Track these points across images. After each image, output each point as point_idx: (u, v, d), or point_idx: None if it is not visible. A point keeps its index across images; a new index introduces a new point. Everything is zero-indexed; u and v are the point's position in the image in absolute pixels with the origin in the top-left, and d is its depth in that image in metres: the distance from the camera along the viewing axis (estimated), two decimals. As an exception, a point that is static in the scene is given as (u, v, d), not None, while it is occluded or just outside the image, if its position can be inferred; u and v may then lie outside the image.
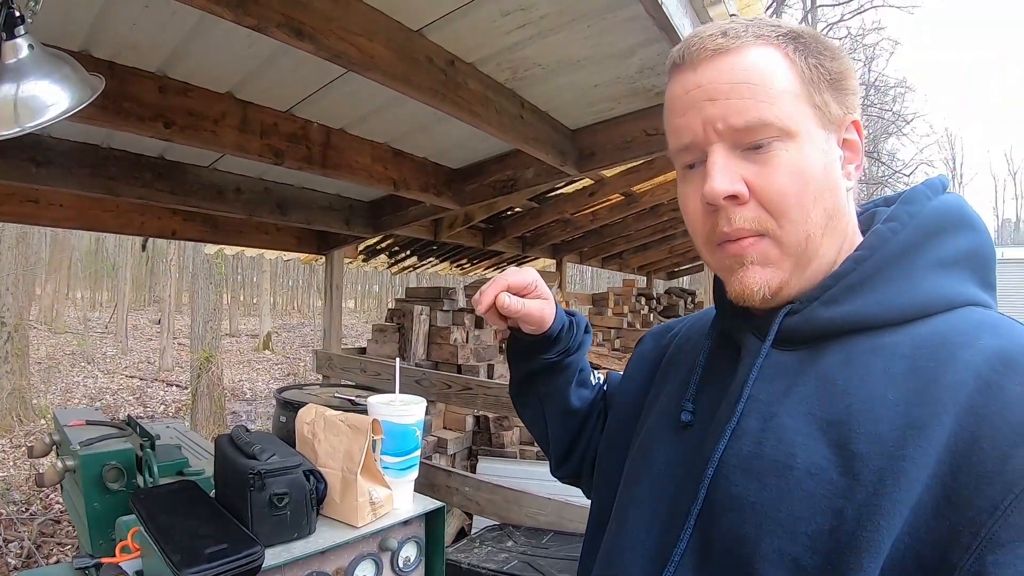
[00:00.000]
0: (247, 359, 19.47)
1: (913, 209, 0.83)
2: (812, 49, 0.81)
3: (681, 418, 0.91)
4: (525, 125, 3.30)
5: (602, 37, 2.66)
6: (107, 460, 2.17)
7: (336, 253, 5.92)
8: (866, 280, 0.80)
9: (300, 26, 2.05)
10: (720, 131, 0.79)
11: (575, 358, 1.17)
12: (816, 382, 0.78)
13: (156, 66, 2.70)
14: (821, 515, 0.71)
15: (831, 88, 0.81)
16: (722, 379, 0.89)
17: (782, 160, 0.78)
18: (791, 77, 0.79)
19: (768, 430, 0.78)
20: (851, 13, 20.93)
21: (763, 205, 0.79)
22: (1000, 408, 0.66)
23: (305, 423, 1.82)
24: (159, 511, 1.59)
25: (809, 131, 0.79)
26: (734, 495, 0.78)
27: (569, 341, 1.14)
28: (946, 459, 0.66)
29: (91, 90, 1.70)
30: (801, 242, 0.80)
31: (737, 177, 0.79)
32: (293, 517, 1.55)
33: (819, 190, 0.79)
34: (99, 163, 3.48)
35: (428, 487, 3.90)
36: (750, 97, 0.78)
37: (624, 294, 10.05)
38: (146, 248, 10.31)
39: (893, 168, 22.66)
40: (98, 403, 12.47)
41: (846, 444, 0.72)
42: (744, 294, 0.83)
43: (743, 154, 0.80)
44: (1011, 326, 0.75)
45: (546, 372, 1.17)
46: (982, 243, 0.83)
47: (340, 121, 3.52)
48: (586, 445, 1.21)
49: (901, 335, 0.76)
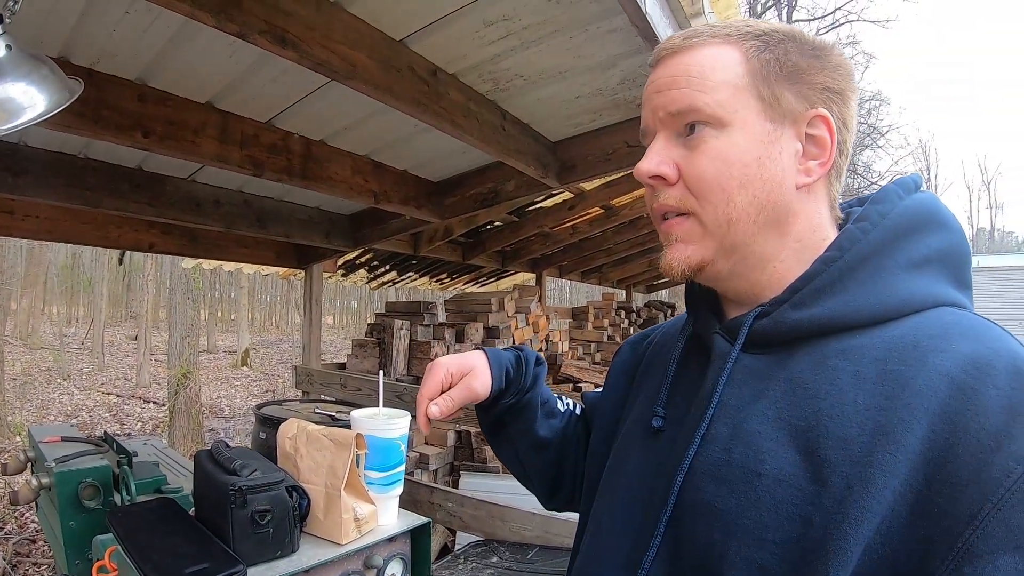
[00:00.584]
0: (225, 375, 19.31)
1: (884, 208, 0.82)
2: (776, 44, 0.83)
3: (652, 424, 0.90)
4: (507, 136, 3.29)
5: (584, 49, 2.66)
6: (83, 477, 2.12)
7: (315, 267, 5.87)
8: (835, 281, 0.79)
9: (283, 34, 2.03)
10: (662, 119, 0.86)
11: (532, 394, 1.19)
12: (786, 386, 0.77)
13: (136, 74, 2.66)
14: (789, 522, 0.70)
15: (788, 81, 0.82)
16: (693, 383, 0.89)
17: (709, 146, 0.82)
18: (737, 71, 0.82)
19: (737, 436, 0.78)
20: (826, 28, 21.30)
21: (687, 186, 0.84)
22: (975, 414, 0.65)
23: (287, 438, 1.78)
24: (137, 529, 1.54)
25: (746, 121, 0.82)
26: (702, 501, 0.78)
27: (521, 380, 1.17)
28: (920, 467, 0.65)
29: (69, 93, 1.67)
30: (722, 224, 0.83)
31: (668, 160, 0.85)
32: (276, 535, 1.51)
33: (746, 178, 0.81)
34: (76, 173, 3.43)
35: (411, 503, 3.86)
36: (686, 87, 0.83)
37: (604, 308, 10.08)
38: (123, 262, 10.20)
39: (869, 180, 22.97)
40: (74, 420, 12.31)
41: (815, 450, 0.71)
42: (666, 268, 0.88)
43: (680, 140, 0.85)
44: (984, 327, 0.74)
45: (509, 415, 1.19)
46: (955, 242, 0.83)
47: (321, 132, 3.50)
48: (573, 472, 1.21)
49: (872, 337, 0.75)
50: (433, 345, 6.56)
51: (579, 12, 2.38)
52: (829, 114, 0.82)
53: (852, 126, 0.86)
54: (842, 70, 0.84)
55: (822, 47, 0.84)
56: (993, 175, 63.30)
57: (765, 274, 0.85)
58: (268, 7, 1.99)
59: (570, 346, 9.19)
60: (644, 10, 2.02)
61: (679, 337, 0.97)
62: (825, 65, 0.83)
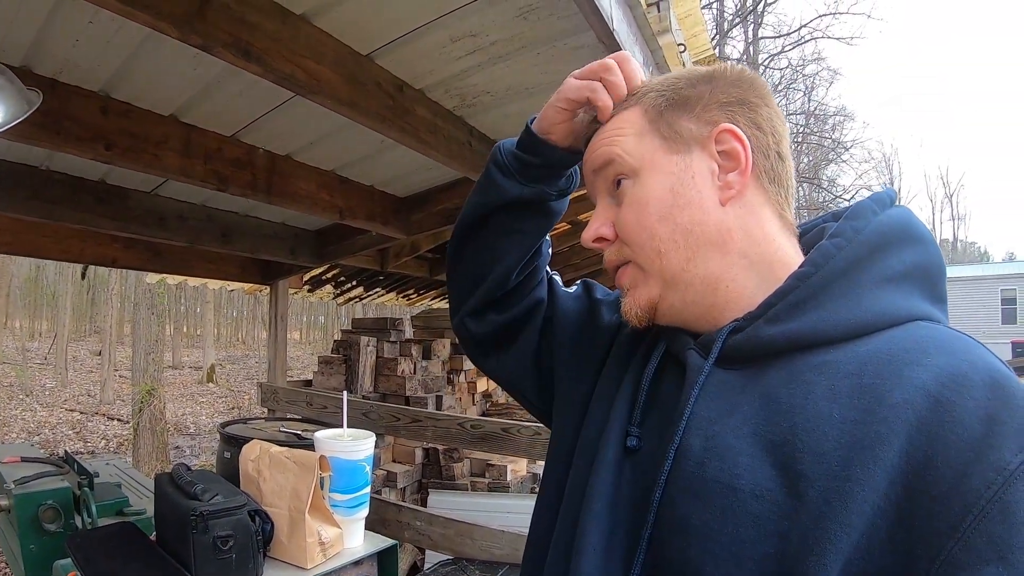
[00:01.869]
0: (190, 392, 19.05)
1: (859, 224, 0.82)
2: (668, 87, 0.89)
3: (628, 444, 0.88)
4: (473, 153, 3.28)
5: (551, 65, 2.67)
6: (43, 500, 2.07)
7: (281, 283, 5.82)
8: (810, 297, 0.78)
9: (248, 47, 2.01)
10: (592, 181, 0.95)
11: (560, 206, 1.08)
12: (760, 401, 0.77)
13: (99, 86, 2.62)
14: (767, 538, 0.69)
15: (684, 111, 0.87)
16: (667, 398, 0.87)
17: (629, 195, 0.88)
18: (639, 122, 0.89)
19: (711, 450, 0.77)
20: (791, 44, 21.68)
21: (622, 239, 0.90)
22: (953, 425, 0.65)
23: (250, 460, 1.75)
24: (97, 556, 1.51)
25: (654, 161, 0.87)
26: (679, 517, 0.76)
27: (572, 183, 1.07)
28: (899, 480, 0.65)
29: (28, 104, 1.63)
30: (653, 259, 0.86)
31: (606, 222, 0.92)
32: (239, 560, 1.48)
33: (664, 210, 0.85)
34: (38, 185, 3.37)
35: (378, 522, 3.81)
36: (603, 146, 0.91)
37: (571, 322, 10.08)
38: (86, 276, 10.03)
39: (834, 193, 23.37)
40: (36, 437, 12.09)
41: (791, 464, 0.70)
42: (627, 318, 0.92)
43: (614, 201, 0.92)
44: (960, 341, 0.74)
45: (533, 206, 1.05)
46: (930, 256, 0.83)
47: (286, 147, 3.47)
48: (520, 319, 1.13)
49: (846, 352, 0.75)
50: (400, 362, 6.52)
51: (546, 29, 2.38)
52: (733, 125, 0.85)
53: (771, 127, 0.87)
54: (740, 82, 0.88)
55: (713, 72, 0.89)
56: (955, 187, 64.51)
57: (719, 296, 0.85)
58: (233, 20, 1.97)
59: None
60: (611, 27, 2.02)
61: (652, 352, 0.95)
62: (717, 85, 0.87)
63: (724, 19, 20.57)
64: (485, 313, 1.13)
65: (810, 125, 23.89)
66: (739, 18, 21.22)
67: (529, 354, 1.13)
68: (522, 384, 1.16)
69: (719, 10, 20.41)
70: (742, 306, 0.83)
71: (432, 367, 6.89)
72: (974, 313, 27.91)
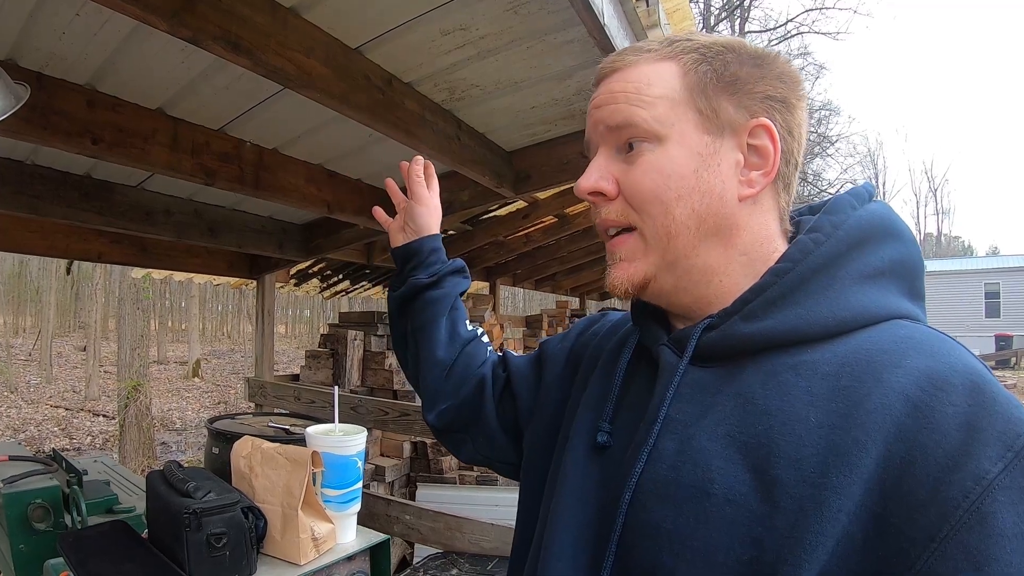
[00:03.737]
0: (176, 387, 18.93)
1: (837, 219, 0.81)
2: (714, 56, 0.83)
3: (598, 440, 0.88)
4: (462, 147, 3.28)
5: (540, 59, 2.67)
6: (32, 499, 2.05)
7: (268, 277, 5.78)
8: (787, 294, 0.77)
9: (237, 40, 1.99)
10: (602, 134, 0.87)
11: (448, 286, 1.27)
12: (735, 401, 0.75)
13: (85, 79, 2.59)
14: (740, 544, 0.68)
15: (727, 92, 0.82)
16: (640, 397, 0.87)
17: (646, 160, 0.82)
18: (675, 85, 0.82)
19: (685, 453, 0.75)
20: (778, 39, 21.75)
21: (627, 200, 0.85)
22: (931, 432, 0.64)
23: (241, 457, 1.75)
24: (89, 556, 1.50)
25: (683, 134, 0.82)
26: (649, 522, 0.75)
27: (438, 264, 1.28)
28: (875, 487, 0.64)
29: (15, 99, 1.61)
30: (662, 237, 0.83)
31: (607, 175, 0.86)
32: (232, 557, 1.48)
33: (685, 190, 0.81)
34: (23, 180, 3.33)
35: (368, 517, 3.81)
36: (624, 102, 0.84)
37: (558, 315, 10.12)
38: (71, 271, 9.96)
39: (819, 187, 23.50)
40: (22, 435, 11.99)
41: (766, 469, 0.69)
42: (611, 287, 0.88)
43: (621, 156, 0.86)
44: (939, 341, 0.73)
45: (421, 300, 1.25)
46: (909, 252, 0.82)
47: (274, 141, 3.45)
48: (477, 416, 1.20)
49: (824, 352, 0.74)
50: (387, 355, 6.51)
51: (536, 23, 2.38)
52: (771, 123, 0.81)
53: (800, 134, 0.85)
54: (786, 78, 0.84)
55: (764, 56, 0.84)
56: (940, 182, 65.08)
57: (711, 289, 0.84)
58: (223, 13, 1.95)
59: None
60: (602, 21, 2.02)
61: (625, 348, 0.95)
62: (766, 74, 0.83)
63: (711, 13, 20.62)
64: (438, 404, 1.22)
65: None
66: (726, 12, 21.28)
67: (495, 426, 1.17)
68: (507, 456, 1.19)
69: (706, 4, 20.48)
70: (729, 301, 0.82)
71: (419, 361, 6.87)
72: (958, 307, 28.11)
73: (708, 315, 0.83)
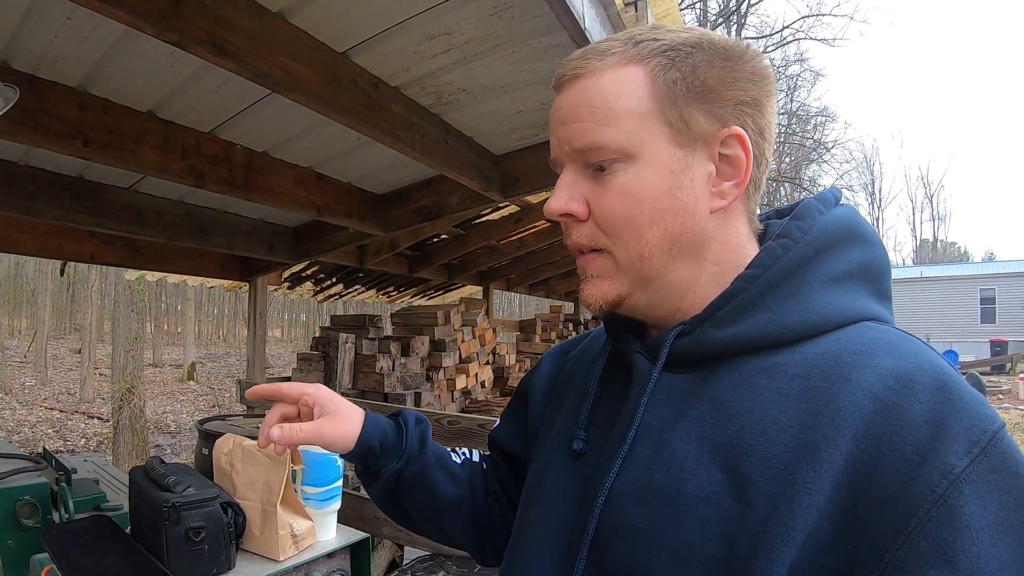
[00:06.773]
0: (171, 390, 18.92)
1: (804, 224, 0.81)
2: (683, 60, 0.79)
3: (573, 447, 0.89)
4: (449, 150, 3.31)
5: (526, 63, 2.70)
6: (20, 495, 2.06)
7: (260, 280, 5.80)
8: (757, 299, 0.78)
9: (223, 44, 2.02)
10: (569, 154, 0.83)
11: (425, 456, 1.10)
12: (708, 404, 0.76)
13: (77, 81, 2.62)
14: (714, 542, 0.69)
15: (697, 101, 0.78)
16: (614, 403, 0.87)
17: (617, 182, 0.79)
18: (642, 95, 0.78)
19: (660, 457, 0.76)
20: (774, 45, 21.80)
21: (598, 225, 0.82)
22: (900, 428, 0.65)
23: (223, 454, 1.76)
24: (72, 548, 1.51)
25: (655, 150, 0.78)
26: (625, 524, 0.76)
27: (404, 443, 1.08)
28: (845, 482, 0.65)
29: (4, 101, 1.63)
30: (635, 260, 0.81)
31: (578, 196, 0.83)
32: (211, 552, 1.49)
33: (658, 212, 0.79)
34: (16, 181, 3.36)
35: (357, 519, 3.81)
36: (589, 120, 0.80)
37: (551, 320, 10.11)
38: (64, 272, 9.93)
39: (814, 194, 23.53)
40: (16, 436, 11.98)
41: (738, 468, 0.70)
42: (585, 303, 0.86)
43: (591, 174, 0.82)
44: (906, 342, 0.74)
45: (406, 484, 1.09)
46: (875, 255, 0.83)
47: (263, 144, 3.48)
48: (500, 520, 1.14)
49: (794, 355, 0.75)
50: (379, 359, 6.52)
51: (520, 27, 2.41)
52: (743, 130, 0.79)
53: (770, 133, 0.83)
54: (756, 77, 0.81)
55: (734, 54, 0.80)
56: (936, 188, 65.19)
57: (685, 300, 0.83)
58: (208, 17, 1.98)
59: (517, 359, 9.20)
60: (583, 26, 2.05)
61: (599, 356, 0.96)
62: (737, 76, 0.79)
63: (707, 19, 20.66)
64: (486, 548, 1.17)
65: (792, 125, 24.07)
66: (722, 18, 21.31)
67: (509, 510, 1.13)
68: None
69: (702, 10, 20.54)
70: (701, 308, 0.82)
71: (411, 364, 6.88)
72: (954, 312, 28.07)
73: (681, 322, 0.83)
